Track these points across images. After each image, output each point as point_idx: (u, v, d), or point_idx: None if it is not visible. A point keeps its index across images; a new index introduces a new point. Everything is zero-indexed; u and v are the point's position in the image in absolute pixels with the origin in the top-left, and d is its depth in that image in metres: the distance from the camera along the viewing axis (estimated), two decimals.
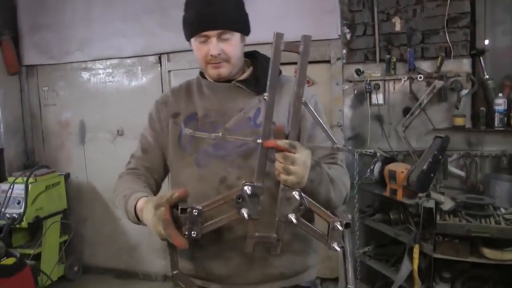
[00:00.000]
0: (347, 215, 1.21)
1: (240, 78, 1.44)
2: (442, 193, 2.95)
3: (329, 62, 3.41)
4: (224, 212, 1.15)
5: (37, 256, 3.63)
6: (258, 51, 1.53)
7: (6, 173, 4.10)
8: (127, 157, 1.57)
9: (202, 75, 1.51)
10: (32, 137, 4.44)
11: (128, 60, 4.04)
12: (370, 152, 3.28)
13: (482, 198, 2.75)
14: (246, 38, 1.46)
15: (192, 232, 1.12)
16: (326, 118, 1.44)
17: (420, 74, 3.13)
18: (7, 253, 2.73)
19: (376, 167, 3.08)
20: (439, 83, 3.06)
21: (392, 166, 2.93)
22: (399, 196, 2.85)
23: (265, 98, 1.10)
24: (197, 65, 1.50)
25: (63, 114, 4.32)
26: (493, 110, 2.97)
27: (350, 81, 3.35)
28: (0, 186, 3.71)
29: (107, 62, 4.11)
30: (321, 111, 1.41)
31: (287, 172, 1.10)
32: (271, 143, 1.10)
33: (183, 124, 1.43)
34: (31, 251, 3.56)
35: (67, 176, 4.14)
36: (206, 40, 1.35)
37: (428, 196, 2.77)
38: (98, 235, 4.25)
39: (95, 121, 4.18)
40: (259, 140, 1.11)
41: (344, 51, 3.37)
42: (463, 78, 3.05)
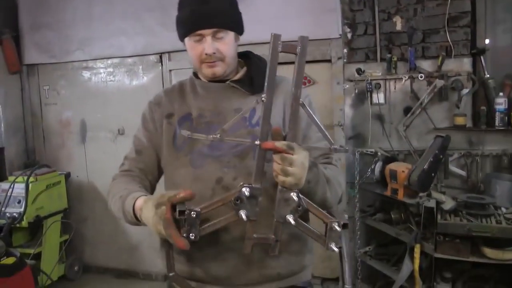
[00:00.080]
0: (343, 215, 1.21)
1: (234, 78, 1.44)
2: (443, 192, 2.95)
3: (330, 61, 3.41)
4: (222, 214, 1.15)
5: (37, 256, 3.63)
6: (251, 51, 1.53)
7: (7, 172, 4.10)
8: None
9: (196, 75, 1.51)
10: (33, 136, 4.44)
11: (129, 59, 4.04)
12: (371, 151, 3.28)
13: (483, 198, 2.75)
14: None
15: (191, 234, 1.11)
16: (320, 118, 1.43)
17: (421, 73, 3.13)
18: (7, 252, 2.73)
19: (377, 166, 3.08)
20: (440, 82, 3.05)
21: (393, 166, 2.93)
22: (400, 196, 2.84)
23: (262, 99, 1.09)
24: None
25: (64, 113, 4.32)
26: (493, 109, 2.96)
27: (351, 80, 3.35)
28: (1, 185, 3.71)
29: (108, 61, 4.12)
30: (315, 110, 1.40)
31: (285, 173, 1.10)
32: (269, 144, 1.09)
33: (177, 125, 1.42)
34: (31, 251, 3.56)
35: (67, 176, 4.14)
36: (200, 39, 1.35)
37: (429, 195, 2.77)
38: (98, 235, 4.25)
39: (96, 120, 4.19)
40: (257, 142, 1.10)
41: (345, 50, 3.37)
42: (463, 77, 3.05)
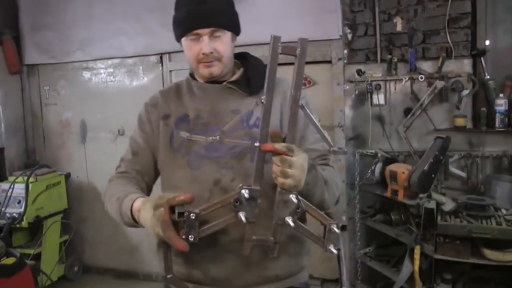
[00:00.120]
0: (341, 217, 1.22)
1: (231, 79, 1.43)
2: (443, 193, 2.95)
3: (330, 62, 3.41)
4: (220, 215, 1.15)
5: (37, 256, 3.62)
6: (248, 52, 1.52)
7: (7, 172, 4.10)
8: None
9: (192, 76, 1.50)
10: (33, 136, 4.44)
11: (129, 60, 4.04)
12: (371, 152, 3.28)
13: (483, 199, 2.75)
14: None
15: (190, 236, 1.11)
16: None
17: (421, 74, 3.13)
18: (7, 252, 2.73)
19: (377, 167, 3.07)
20: (440, 84, 3.05)
21: (393, 167, 2.93)
22: (400, 197, 2.84)
23: (262, 101, 1.09)
24: None
25: (64, 113, 4.32)
26: (494, 110, 2.96)
27: (351, 81, 3.35)
28: (1, 186, 3.72)
29: (109, 62, 4.11)
30: (312, 111, 1.40)
31: (285, 175, 1.10)
32: (269, 146, 1.09)
33: (174, 126, 1.41)
34: (31, 251, 3.56)
35: (67, 176, 4.14)
36: (197, 39, 1.35)
37: (429, 196, 2.77)
38: (98, 235, 4.25)
39: (96, 120, 4.19)
40: (256, 144, 1.10)
41: (345, 51, 3.37)
42: (464, 78, 3.05)
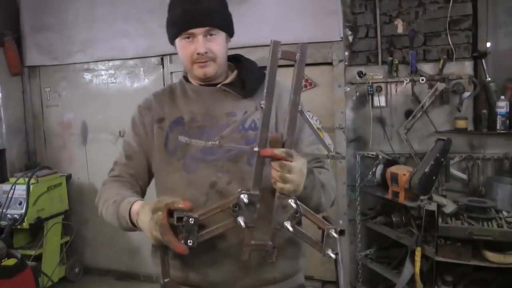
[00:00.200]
0: (338, 221, 1.22)
1: (225, 82, 1.43)
2: (444, 195, 2.95)
3: (331, 64, 3.40)
4: (218, 219, 1.14)
5: (38, 257, 3.62)
6: (241, 54, 1.52)
7: (8, 173, 4.11)
8: None
9: (186, 79, 1.49)
10: (34, 137, 4.44)
11: (130, 61, 4.04)
12: (372, 154, 3.28)
13: (484, 201, 2.75)
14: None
15: (188, 241, 1.11)
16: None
17: (422, 76, 3.13)
18: (8, 254, 2.73)
19: (378, 169, 3.07)
20: (441, 86, 3.05)
21: (394, 169, 2.93)
22: (401, 199, 2.84)
23: (262, 106, 1.09)
24: None
25: (65, 115, 4.32)
26: (495, 112, 2.96)
27: (352, 83, 3.35)
28: (2, 187, 3.72)
29: (110, 63, 4.12)
30: (307, 114, 1.41)
31: (284, 180, 1.10)
32: (268, 152, 1.09)
33: (169, 129, 1.40)
34: (32, 252, 3.56)
35: (68, 177, 4.14)
36: (192, 39, 1.34)
37: (430, 198, 2.77)
38: (99, 237, 4.25)
39: (97, 122, 4.19)
40: (255, 148, 1.10)
41: (346, 53, 3.37)
42: (465, 80, 3.05)
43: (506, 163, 3.00)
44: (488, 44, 3.16)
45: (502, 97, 2.94)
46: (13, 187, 3.47)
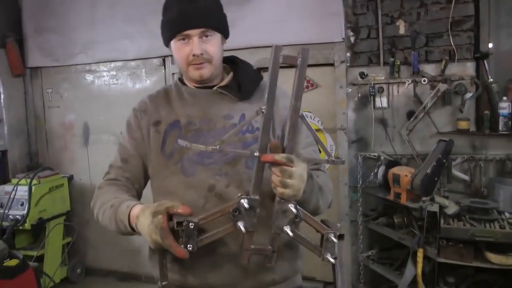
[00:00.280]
0: (336, 224, 1.22)
1: (221, 84, 1.41)
2: (446, 197, 2.94)
3: (333, 65, 3.40)
4: (218, 223, 1.14)
5: (40, 258, 3.62)
6: (237, 56, 1.51)
7: (10, 174, 4.12)
8: None
9: (181, 81, 1.49)
10: (36, 139, 4.44)
11: (132, 63, 4.05)
12: (374, 155, 3.28)
13: (487, 202, 2.75)
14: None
15: (188, 246, 1.10)
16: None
17: (424, 77, 3.13)
18: (10, 254, 2.73)
19: (380, 170, 3.07)
20: (443, 87, 3.05)
21: (396, 170, 2.92)
22: (403, 200, 2.84)
23: (263, 111, 1.08)
24: None
25: (67, 116, 4.33)
26: (497, 113, 2.95)
27: (354, 84, 3.35)
28: (4, 188, 3.73)
29: (111, 65, 4.12)
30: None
31: (284, 185, 1.10)
32: (269, 157, 1.09)
33: (165, 132, 1.39)
34: (34, 253, 3.56)
35: (70, 178, 4.14)
36: (187, 40, 1.34)
37: (432, 200, 2.76)
38: (101, 237, 4.24)
39: (99, 123, 4.20)
40: (256, 153, 1.10)
41: (348, 54, 3.37)
42: (467, 81, 3.05)
43: (508, 164, 2.99)
44: (490, 45, 3.15)
45: (504, 98, 2.94)
46: (15, 188, 3.48)
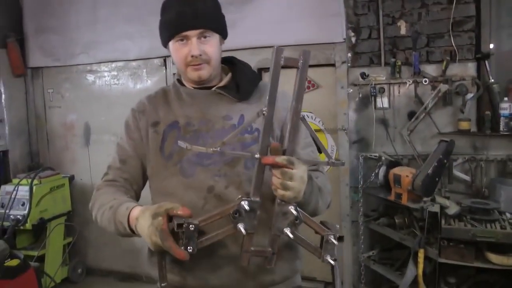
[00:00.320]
0: (335, 225, 1.22)
1: (220, 85, 1.41)
2: (447, 197, 2.94)
3: (334, 65, 3.40)
4: (218, 225, 1.14)
5: (41, 258, 3.63)
6: (235, 56, 1.51)
7: (11, 174, 4.12)
8: None
9: (180, 82, 1.48)
10: (37, 139, 4.45)
11: (133, 63, 4.05)
12: (375, 156, 3.28)
13: (488, 203, 2.74)
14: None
15: (189, 248, 1.10)
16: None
17: (425, 77, 3.13)
18: (11, 254, 2.73)
19: (381, 171, 3.07)
20: (444, 87, 3.05)
21: (397, 170, 2.92)
22: (404, 200, 2.84)
23: (264, 113, 1.08)
24: None
25: (68, 116, 4.34)
26: (498, 114, 2.95)
27: (355, 84, 3.34)
28: (5, 188, 3.73)
29: (112, 65, 4.13)
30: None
31: (285, 187, 1.10)
32: (269, 159, 1.09)
33: (164, 133, 1.39)
34: (35, 253, 3.56)
35: (71, 178, 4.15)
36: (186, 41, 1.34)
37: (433, 200, 2.76)
38: (102, 238, 4.25)
39: (100, 123, 4.20)
40: (257, 155, 1.10)
41: (349, 55, 3.37)
42: (468, 82, 3.04)
43: (509, 165, 2.99)
44: (491, 46, 3.15)
45: (506, 98, 2.94)
46: (16, 188, 3.49)
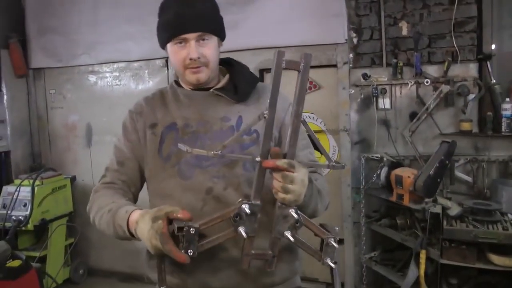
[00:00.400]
0: (334, 229, 1.22)
1: (218, 86, 1.41)
2: (449, 198, 2.94)
3: (335, 66, 3.41)
4: (218, 228, 1.14)
5: (42, 259, 3.63)
6: (232, 58, 1.50)
7: (13, 175, 4.12)
8: None
9: (177, 83, 1.48)
10: (39, 139, 4.46)
11: (135, 64, 4.05)
12: (377, 156, 3.28)
13: (489, 204, 2.74)
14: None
15: (189, 251, 1.09)
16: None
17: (427, 78, 3.13)
18: (12, 255, 2.73)
19: (383, 171, 3.07)
20: (446, 88, 3.05)
21: (398, 171, 2.92)
22: (406, 201, 2.84)
23: (265, 116, 1.08)
24: None
25: (70, 117, 4.34)
26: (500, 115, 2.95)
27: (357, 85, 3.35)
28: (7, 189, 3.74)
29: (114, 66, 4.13)
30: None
31: (286, 191, 1.10)
32: (270, 163, 1.08)
33: (162, 135, 1.38)
34: (36, 254, 3.56)
35: (73, 179, 4.15)
36: (184, 44, 1.33)
37: (434, 201, 2.76)
38: (103, 238, 4.23)
39: (101, 124, 4.20)
40: (257, 158, 1.09)
41: (351, 55, 3.37)
42: (470, 82, 3.04)
43: (511, 166, 2.99)
44: (493, 46, 3.15)
45: (507, 99, 2.94)
46: (17, 189, 3.49)
